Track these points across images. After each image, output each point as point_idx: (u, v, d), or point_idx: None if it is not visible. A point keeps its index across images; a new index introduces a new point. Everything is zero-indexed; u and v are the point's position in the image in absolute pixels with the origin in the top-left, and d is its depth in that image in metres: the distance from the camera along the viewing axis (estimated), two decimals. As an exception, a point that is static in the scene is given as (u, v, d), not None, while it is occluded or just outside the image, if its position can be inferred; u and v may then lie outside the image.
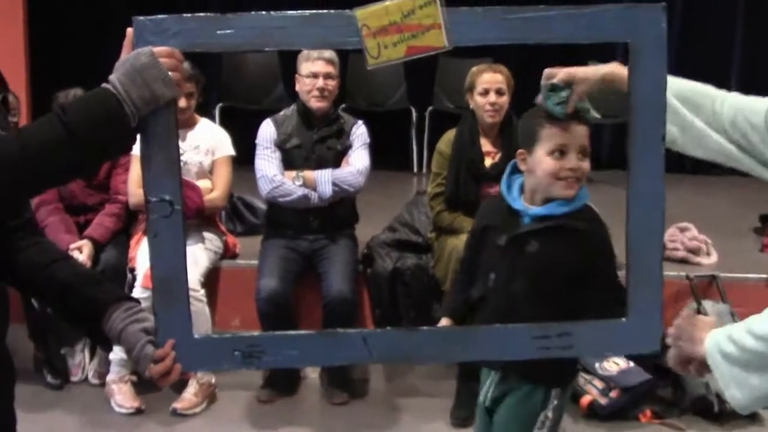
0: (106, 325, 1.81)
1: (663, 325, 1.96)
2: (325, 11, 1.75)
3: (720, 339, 1.78)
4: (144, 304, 1.88)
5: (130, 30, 1.71)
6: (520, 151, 2.49)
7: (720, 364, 1.77)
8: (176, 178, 1.77)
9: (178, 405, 4.18)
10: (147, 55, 1.64)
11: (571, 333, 1.94)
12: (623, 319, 1.95)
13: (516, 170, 2.55)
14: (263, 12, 1.74)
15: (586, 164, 2.43)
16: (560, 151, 2.39)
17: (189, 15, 1.73)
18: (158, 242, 1.78)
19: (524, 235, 2.48)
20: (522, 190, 2.53)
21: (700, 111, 2.07)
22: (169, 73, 1.66)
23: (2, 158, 1.56)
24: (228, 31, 1.73)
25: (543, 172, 2.42)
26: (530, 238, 2.47)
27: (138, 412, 4.18)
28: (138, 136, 1.71)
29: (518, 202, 2.51)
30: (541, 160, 2.42)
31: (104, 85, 1.64)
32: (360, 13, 1.74)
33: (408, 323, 4.49)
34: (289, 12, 1.74)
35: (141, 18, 1.71)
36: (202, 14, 1.73)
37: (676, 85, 2.04)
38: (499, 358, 1.92)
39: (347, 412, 4.29)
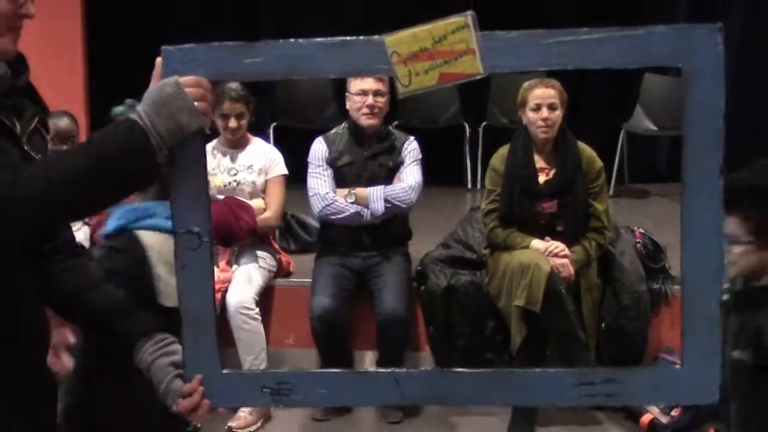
0: (136, 357, 1.81)
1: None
2: (353, 38, 1.68)
3: None
4: None
5: (159, 59, 1.69)
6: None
7: None
8: (205, 210, 1.72)
9: (233, 423, 4.18)
10: (172, 85, 1.61)
11: (616, 380, 1.79)
12: (677, 366, 1.79)
13: None
14: (291, 39, 1.70)
15: None
16: None
17: (217, 44, 1.69)
18: (186, 274, 1.75)
19: None
20: None
21: None
22: (195, 103, 1.62)
23: (29, 191, 1.55)
24: (256, 60, 1.68)
25: None
26: None
27: (194, 430, 4.18)
28: None
29: None
30: None
31: (131, 116, 1.62)
32: (389, 39, 1.66)
33: (462, 341, 4.48)
34: (318, 39, 1.69)
35: (169, 47, 1.68)
36: (230, 43, 1.69)
37: None
38: (538, 404, 1.80)
39: (402, 430, 4.26)
